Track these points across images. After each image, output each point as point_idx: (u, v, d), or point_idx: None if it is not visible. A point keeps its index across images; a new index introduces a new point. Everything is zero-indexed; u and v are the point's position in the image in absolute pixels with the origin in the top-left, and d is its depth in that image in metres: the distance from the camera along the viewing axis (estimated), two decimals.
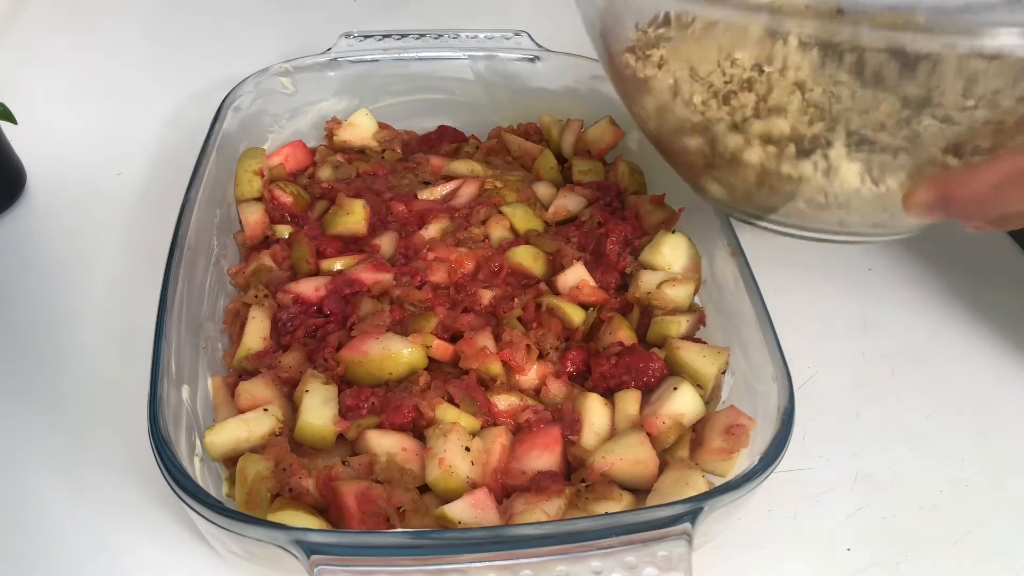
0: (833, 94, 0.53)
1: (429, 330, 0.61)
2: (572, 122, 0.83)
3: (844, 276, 0.77)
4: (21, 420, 0.63)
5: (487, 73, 0.87)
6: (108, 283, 0.74)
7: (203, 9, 1.14)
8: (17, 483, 0.59)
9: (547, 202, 0.76)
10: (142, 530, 0.56)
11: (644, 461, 0.54)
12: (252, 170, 0.74)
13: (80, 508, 0.58)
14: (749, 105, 0.55)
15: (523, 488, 0.53)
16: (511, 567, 0.44)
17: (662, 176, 0.77)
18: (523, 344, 0.60)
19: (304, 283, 0.65)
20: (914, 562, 0.56)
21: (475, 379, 0.59)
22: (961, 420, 0.65)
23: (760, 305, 0.58)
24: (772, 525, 0.58)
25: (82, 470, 0.60)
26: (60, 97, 0.97)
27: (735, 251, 0.63)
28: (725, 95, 0.56)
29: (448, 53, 0.86)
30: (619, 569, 0.43)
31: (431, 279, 0.66)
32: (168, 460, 0.48)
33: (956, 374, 0.68)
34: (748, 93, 0.55)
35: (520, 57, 0.86)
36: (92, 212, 0.81)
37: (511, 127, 0.87)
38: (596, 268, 0.68)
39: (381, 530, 0.50)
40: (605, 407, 0.58)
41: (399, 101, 0.87)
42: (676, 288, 0.64)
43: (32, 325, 0.70)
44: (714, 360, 0.59)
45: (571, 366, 0.62)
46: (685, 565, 0.43)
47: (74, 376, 0.66)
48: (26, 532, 0.56)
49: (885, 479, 0.61)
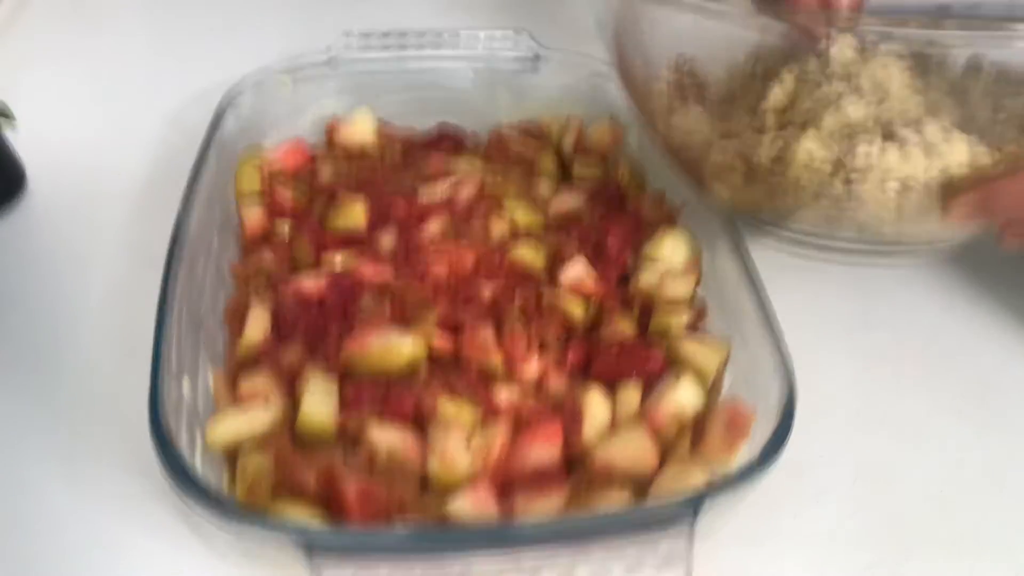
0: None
1: (430, 323, 0.61)
2: (572, 121, 0.84)
3: (844, 276, 0.77)
4: (21, 417, 0.63)
5: (487, 72, 0.87)
6: (108, 282, 0.74)
7: (203, 9, 1.14)
8: (16, 478, 0.59)
9: (547, 201, 0.77)
10: (142, 525, 0.56)
11: (645, 454, 0.54)
12: (252, 168, 0.74)
13: (79, 503, 0.57)
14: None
15: (524, 482, 0.53)
16: (513, 562, 0.44)
17: (663, 174, 0.77)
18: (524, 337, 0.60)
19: (304, 278, 0.65)
20: (914, 561, 0.56)
21: (476, 373, 0.59)
22: (961, 419, 0.65)
23: (762, 299, 0.58)
24: (772, 523, 0.58)
25: (81, 465, 0.60)
26: (60, 97, 0.98)
27: (736, 247, 0.63)
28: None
29: (448, 53, 0.86)
30: (620, 563, 0.43)
31: (431, 273, 0.66)
32: (168, 455, 0.47)
33: (956, 374, 0.68)
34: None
35: (520, 56, 0.86)
36: (92, 212, 0.81)
37: (511, 126, 0.87)
38: (597, 264, 0.68)
39: (382, 525, 0.50)
40: (606, 400, 0.58)
41: (399, 100, 0.87)
42: (677, 282, 0.65)
43: (32, 324, 0.70)
44: (715, 353, 0.59)
45: (572, 359, 0.62)
46: (686, 560, 0.43)
47: (74, 375, 0.66)
48: (24, 527, 0.56)
49: (885, 479, 0.61)
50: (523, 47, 0.86)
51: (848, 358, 0.69)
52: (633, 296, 0.66)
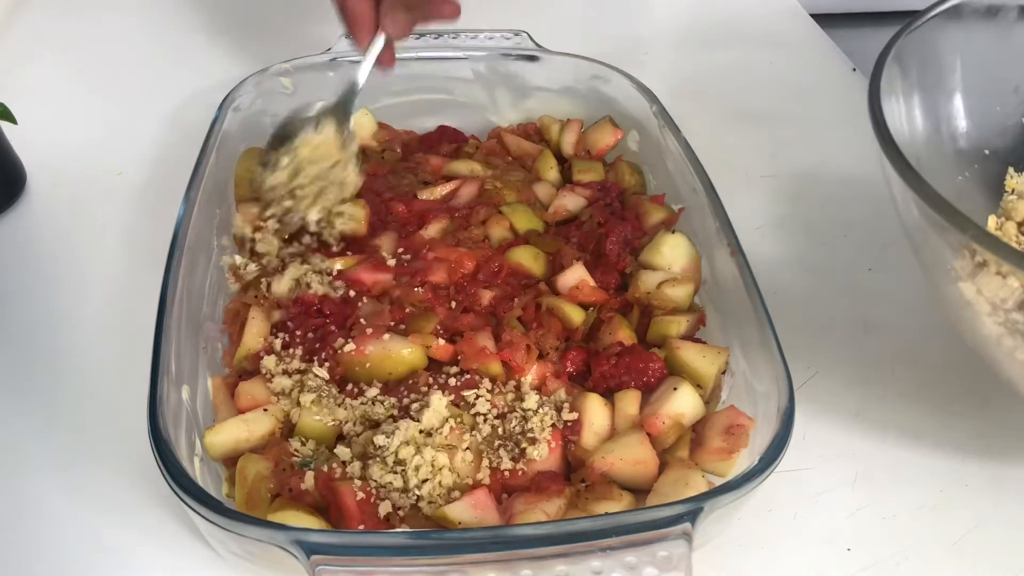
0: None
1: (429, 330, 0.61)
2: (572, 122, 0.83)
3: (844, 276, 0.77)
4: (20, 419, 0.63)
5: (487, 73, 0.87)
6: (108, 283, 0.74)
7: (203, 9, 1.14)
8: (16, 482, 0.59)
9: (547, 202, 0.76)
10: (141, 530, 0.56)
11: (644, 461, 0.54)
12: (252, 170, 0.74)
13: (79, 508, 0.57)
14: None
15: (523, 488, 0.53)
16: (511, 567, 0.44)
17: (662, 176, 0.77)
18: (523, 344, 0.60)
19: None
20: (914, 562, 0.56)
21: (475, 379, 0.59)
22: (961, 420, 0.65)
23: (760, 305, 0.58)
24: (772, 525, 0.58)
25: (81, 470, 0.60)
26: (60, 97, 0.97)
27: (735, 251, 0.63)
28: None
29: (448, 53, 0.86)
30: (619, 569, 0.43)
31: (431, 279, 0.66)
32: (168, 460, 0.48)
33: (956, 374, 0.68)
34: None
35: (520, 57, 0.86)
36: (92, 212, 0.81)
37: (511, 127, 0.87)
38: (596, 268, 0.68)
39: (381, 530, 0.50)
40: (605, 407, 0.58)
41: (399, 101, 0.87)
42: (676, 288, 0.64)
43: (32, 325, 0.70)
44: (714, 360, 0.59)
45: (571, 366, 0.62)
46: (685, 565, 0.43)
47: (73, 376, 0.66)
48: (25, 531, 0.56)
49: (885, 479, 0.61)
50: (523, 48, 0.86)
51: (848, 359, 0.69)
52: (632, 302, 0.66)
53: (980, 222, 0.56)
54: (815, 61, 1.08)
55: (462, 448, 0.54)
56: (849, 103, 0.97)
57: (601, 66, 0.85)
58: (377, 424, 0.57)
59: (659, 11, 0.94)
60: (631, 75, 0.83)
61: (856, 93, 1.00)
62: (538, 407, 0.57)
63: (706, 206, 0.68)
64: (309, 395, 0.56)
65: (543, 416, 0.57)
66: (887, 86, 0.60)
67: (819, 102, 0.99)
